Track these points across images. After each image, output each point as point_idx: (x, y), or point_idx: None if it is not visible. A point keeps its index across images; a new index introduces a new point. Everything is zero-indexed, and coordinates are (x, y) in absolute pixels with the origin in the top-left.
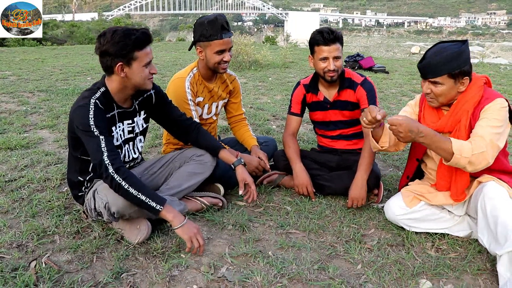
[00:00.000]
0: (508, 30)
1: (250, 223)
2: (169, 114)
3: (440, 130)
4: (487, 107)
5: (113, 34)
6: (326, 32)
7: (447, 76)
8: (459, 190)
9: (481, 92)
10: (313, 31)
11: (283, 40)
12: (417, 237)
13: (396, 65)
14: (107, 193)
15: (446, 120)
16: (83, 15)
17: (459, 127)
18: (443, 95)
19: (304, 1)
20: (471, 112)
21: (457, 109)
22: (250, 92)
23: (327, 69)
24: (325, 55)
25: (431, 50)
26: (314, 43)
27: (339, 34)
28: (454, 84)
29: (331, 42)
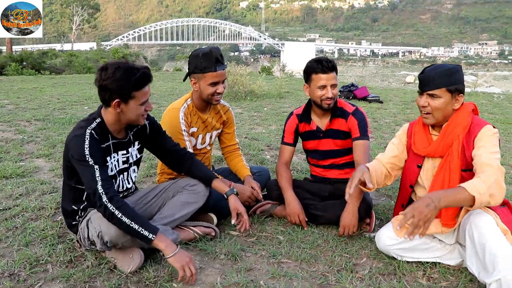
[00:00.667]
0: (500, 60)
1: (242, 253)
2: (163, 144)
3: (431, 155)
4: (481, 135)
5: (115, 71)
6: (325, 61)
7: (445, 89)
8: (450, 216)
9: (470, 118)
10: (309, 60)
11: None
12: (408, 266)
13: (390, 94)
14: (101, 222)
15: (437, 144)
16: (82, 45)
17: (451, 151)
18: (440, 109)
19: (300, 32)
20: (462, 137)
21: (447, 133)
22: (245, 122)
23: (325, 97)
24: (323, 83)
25: (430, 67)
26: (312, 71)
27: (335, 63)
28: (450, 99)
29: (329, 70)
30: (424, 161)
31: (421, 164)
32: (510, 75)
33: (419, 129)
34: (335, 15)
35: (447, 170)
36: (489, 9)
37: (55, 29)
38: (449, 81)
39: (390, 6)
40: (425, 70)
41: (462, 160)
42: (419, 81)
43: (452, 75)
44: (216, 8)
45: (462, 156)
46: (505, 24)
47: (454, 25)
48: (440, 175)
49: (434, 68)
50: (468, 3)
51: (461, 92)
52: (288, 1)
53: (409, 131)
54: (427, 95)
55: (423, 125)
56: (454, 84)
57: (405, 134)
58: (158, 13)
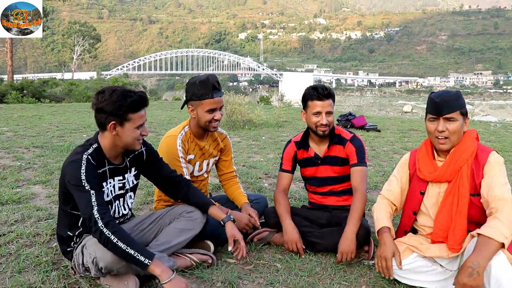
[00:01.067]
0: (495, 89)
1: (239, 281)
2: (160, 171)
3: (438, 180)
4: (490, 164)
5: (112, 94)
6: (321, 88)
7: (459, 112)
8: (457, 240)
9: (476, 143)
10: (306, 87)
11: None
12: None
13: (388, 123)
14: (96, 248)
15: (444, 169)
16: (82, 74)
17: (461, 175)
18: (457, 132)
19: (298, 62)
20: (470, 162)
21: (455, 158)
22: (243, 151)
23: (320, 123)
24: (318, 110)
25: (437, 93)
26: (308, 98)
27: (332, 91)
28: (463, 122)
29: (325, 97)
30: (427, 187)
31: (424, 190)
32: (506, 104)
33: (423, 156)
34: (333, 46)
35: (455, 195)
36: (483, 40)
37: (56, 58)
38: (460, 104)
39: (386, 37)
40: (433, 96)
41: (471, 184)
42: (436, 106)
43: (460, 99)
44: (215, 39)
45: (471, 181)
46: (499, 55)
47: (449, 56)
48: (448, 200)
49: (445, 93)
50: (463, 34)
51: (467, 114)
52: (286, 33)
53: (412, 160)
54: (444, 119)
55: (427, 151)
56: (463, 107)
57: (407, 164)
58: (158, 44)
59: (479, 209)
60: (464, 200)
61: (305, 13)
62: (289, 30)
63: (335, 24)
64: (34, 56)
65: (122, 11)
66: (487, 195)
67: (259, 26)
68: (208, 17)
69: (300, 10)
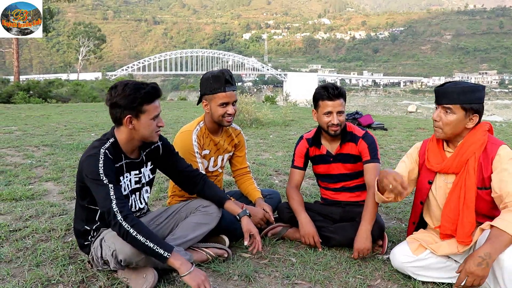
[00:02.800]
0: (500, 89)
1: (255, 274)
2: (176, 165)
3: (445, 171)
4: (500, 158)
5: (124, 87)
6: (331, 88)
7: (460, 106)
8: (466, 233)
9: (486, 137)
10: (317, 86)
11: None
12: (423, 287)
13: (394, 122)
14: (115, 241)
15: (452, 161)
16: (88, 75)
17: (467, 168)
18: (451, 125)
19: (302, 63)
20: (478, 155)
21: (463, 150)
22: (252, 149)
23: (331, 123)
24: (329, 110)
25: (451, 82)
26: (319, 97)
27: (343, 90)
28: (464, 117)
29: (335, 97)
30: (436, 178)
31: (432, 180)
32: (511, 104)
33: (433, 146)
34: (337, 46)
35: (462, 188)
36: (488, 40)
37: (61, 59)
38: (466, 98)
39: (390, 37)
40: (445, 84)
41: (479, 178)
42: (436, 94)
43: (471, 93)
44: (220, 40)
45: (478, 174)
46: (504, 54)
47: (454, 55)
48: (455, 192)
49: (455, 83)
50: (467, 34)
51: (477, 112)
52: (291, 33)
53: (422, 149)
54: (442, 108)
55: (437, 141)
56: (471, 103)
57: (417, 151)
58: (162, 44)
59: (488, 202)
60: (470, 193)
61: (309, 13)
62: (294, 30)
63: (340, 24)
64: (39, 57)
65: (127, 12)
66: (499, 190)
67: (263, 26)
68: (213, 18)
69: (304, 10)
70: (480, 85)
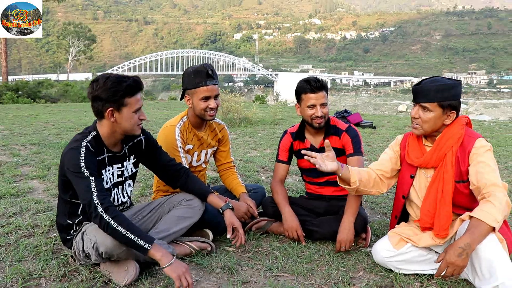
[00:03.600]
0: (489, 88)
1: (238, 267)
2: (159, 159)
3: (424, 165)
4: (476, 151)
5: (106, 80)
6: (313, 81)
7: (437, 104)
8: (443, 226)
9: (463, 130)
10: (299, 80)
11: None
12: (405, 279)
13: (383, 121)
14: (96, 234)
15: (430, 155)
16: (78, 75)
17: (445, 162)
18: (429, 122)
19: (293, 63)
20: (455, 149)
21: (441, 144)
22: (240, 147)
23: (315, 116)
24: (312, 102)
25: (428, 79)
26: (301, 91)
27: (325, 82)
28: (441, 114)
29: (318, 89)
30: (417, 172)
31: (414, 174)
32: (499, 104)
33: (413, 140)
34: (328, 46)
35: (440, 181)
36: (476, 40)
37: (51, 59)
38: (442, 96)
39: (381, 37)
40: (422, 82)
41: (456, 171)
42: (413, 92)
43: (447, 90)
44: (211, 40)
45: (456, 168)
46: (492, 54)
47: (443, 56)
48: (433, 186)
49: (431, 81)
50: (456, 34)
51: (454, 108)
52: (281, 33)
53: (403, 142)
54: (419, 106)
55: (417, 136)
56: (448, 100)
57: (398, 144)
58: (153, 45)
59: (466, 195)
60: (448, 187)
61: (300, 13)
62: (284, 30)
63: (330, 25)
64: (28, 57)
65: (117, 12)
66: (477, 181)
67: (254, 26)
68: (203, 18)
69: (295, 11)
70: (456, 80)
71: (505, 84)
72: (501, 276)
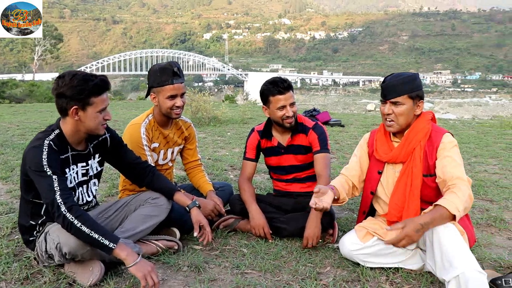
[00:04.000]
0: (454, 88)
1: (205, 265)
2: (124, 157)
3: (393, 161)
4: (444, 146)
5: (72, 78)
6: (280, 82)
7: (407, 96)
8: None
9: (430, 125)
10: (263, 83)
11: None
12: (371, 272)
13: (352, 119)
14: (59, 234)
15: (399, 150)
16: (44, 75)
17: (414, 157)
18: (404, 115)
19: (263, 62)
20: (423, 143)
21: (409, 139)
22: (208, 146)
23: (286, 116)
24: (282, 104)
25: (390, 76)
26: (269, 93)
27: (289, 81)
28: (412, 105)
29: (286, 90)
30: (384, 168)
31: (381, 170)
32: (464, 103)
33: (381, 136)
34: (297, 46)
35: (409, 176)
36: (441, 41)
37: (15, 59)
38: (410, 88)
39: (349, 38)
40: (386, 80)
41: (424, 165)
42: (382, 90)
43: (412, 82)
44: (180, 40)
45: (424, 162)
46: (456, 55)
47: (410, 56)
48: (402, 180)
49: (394, 77)
50: (422, 35)
51: (421, 98)
52: (251, 33)
53: (371, 139)
54: (391, 103)
55: (385, 132)
56: (415, 91)
57: (366, 143)
58: (122, 44)
59: (432, 189)
60: (417, 180)
61: (269, 13)
62: (254, 30)
63: (300, 25)
64: None
65: (85, 11)
66: (443, 175)
67: (224, 26)
68: (173, 17)
69: (265, 11)
70: (414, 73)
71: (469, 83)
72: (461, 266)
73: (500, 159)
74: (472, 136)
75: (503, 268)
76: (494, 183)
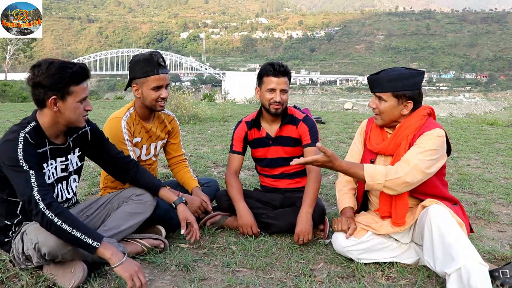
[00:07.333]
0: (429, 86)
1: (194, 264)
2: (106, 152)
3: (382, 152)
4: (424, 135)
5: (49, 66)
6: (277, 65)
7: (390, 94)
8: (399, 215)
9: (422, 121)
10: (264, 63)
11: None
12: (366, 268)
13: (332, 116)
14: (37, 233)
15: (388, 143)
16: (17, 75)
17: (399, 151)
18: (386, 112)
19: (240, 62)
20: (410, 138)
21: (398, 133)
22: (189, 144)
23: (273, 101)
24: (273, 86)
25: (388, 69)
26: (264, 73)
27: (289, 69)
28: (396, 104)
29: (281, 74)
30: (376, 158)
31: (374, 159)
32: (439, 101)
33: (376, 126)
34: (274, 45)
35: None
36: (417, 40)
37: None
38: (396, 86)
39: (326, 37)
40: (382, 71)
41: None
42: (368, 82)
43: (401, 80)
44: (157, 39)
45: None
46: (431, 54)
47: (386, 55)
48: None
49: (390, 71)
50: (398, 34)
51: (411, 99)
52: (228, 32)
53: (367, 127)
54: (376, 96)
55: None
56: (401, 90)
57: (363, 129)
58: (97, 44)
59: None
60: None
61: (247, 12)
62: (231, 29)
63: (277, 24)
64: None
65: (59, 9)
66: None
67: (201, 25)
68: (149, 16)
69: (242, 10)
70: (418, 70)
71: (443, 82)
72: (463, 259)
73: (481, 154)
74: (451, 132)
75: (497, 260)
76: (478, 177)
